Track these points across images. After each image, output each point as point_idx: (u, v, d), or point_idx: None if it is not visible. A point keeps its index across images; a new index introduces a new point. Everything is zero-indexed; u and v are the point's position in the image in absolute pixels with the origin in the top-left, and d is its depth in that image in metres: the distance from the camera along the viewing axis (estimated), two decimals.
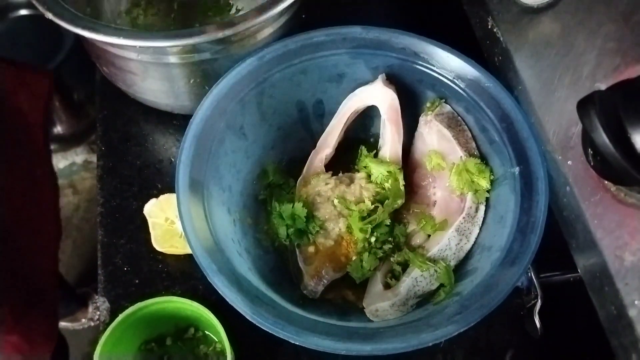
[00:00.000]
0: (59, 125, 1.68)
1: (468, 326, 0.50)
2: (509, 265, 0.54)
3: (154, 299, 0.56)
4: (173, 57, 0.62)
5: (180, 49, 0.61)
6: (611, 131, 0.43)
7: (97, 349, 0.55)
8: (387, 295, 0.60)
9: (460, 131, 0.64)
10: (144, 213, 0.67)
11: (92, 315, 1.51)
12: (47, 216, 0.96)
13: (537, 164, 0.57)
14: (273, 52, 0.64)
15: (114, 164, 0.73)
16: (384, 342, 0.50)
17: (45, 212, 0.96)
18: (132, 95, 0.72)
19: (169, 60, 0.63)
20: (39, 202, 0.93)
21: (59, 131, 1.69)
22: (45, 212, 0.96)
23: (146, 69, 0.65)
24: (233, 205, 0.63)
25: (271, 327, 0.50)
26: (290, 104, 0.68)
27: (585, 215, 0.52)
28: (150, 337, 0.62)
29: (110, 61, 0.67)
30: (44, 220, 0.95)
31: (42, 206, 0.94)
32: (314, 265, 0.63)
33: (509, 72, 0.61)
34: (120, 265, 0.66)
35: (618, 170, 0.44)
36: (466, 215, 0.62)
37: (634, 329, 0.47)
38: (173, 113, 0.73)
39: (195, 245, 0.53)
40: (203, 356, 0.62)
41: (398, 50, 0.65)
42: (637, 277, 0.48)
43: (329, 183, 0.66)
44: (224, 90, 0.62)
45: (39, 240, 0.93)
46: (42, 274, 0.92)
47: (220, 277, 0.52)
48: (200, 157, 0.59)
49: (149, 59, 0.63)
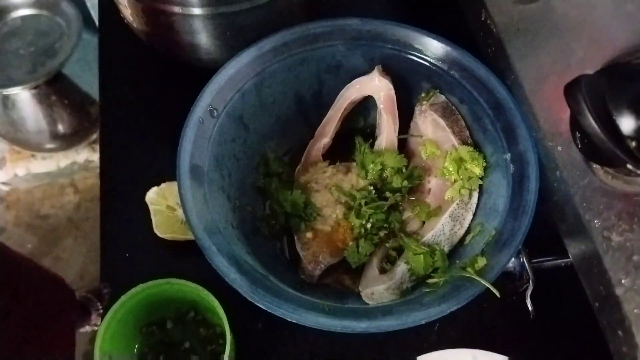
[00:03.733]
0: (60, 124, 1.69)
1: (459, 305, 0.52)
2: (501, 247, 0.55)
3: (155, 281, 0.58)
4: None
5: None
6: (597, 113, 0.45)
7: (100, 330, 0.56)
8: (382, 278, 0.61)
9: (454, 120, 0.66)
10: (145, 200, 0.68)
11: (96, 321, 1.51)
12: None
13: (528, 151, 0.58)
14: (272, 42, 0.65)
15: (116, 153, 0.74)
16: (379, 320, 0.51)
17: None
18: (170, 55, 0.74)
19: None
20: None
21: (60, 130, 1.70)
22: None
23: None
24: (233, 192, 0.64)
25: (268, 305, 0.52)
26: (289, 94, 0.70)
27: (574, 199, 0.53)
28: (152, 320, 0.63)
29: (150, 19, 0.68)
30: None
31: None
32: (311, 250, 0.64)
33: (502, 62, 0.62)
34: (122, 252, 0.68)
35: (604, 151, 0.46)
36: (460, 201, 0.63)
37: (620, 307, 0.48)
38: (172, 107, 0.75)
39: (196, 227, 0.55)
40: (203, 339, 0.63)
41: (394, 42, 0.66)
42: (624, 257, 0.49)
43: (327, 171, 0.68)
44: (224, 79, 0.63)
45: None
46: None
47: (220, 257, 0.54)
48: (200, 144, 0.60)
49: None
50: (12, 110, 1.62)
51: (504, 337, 0.64)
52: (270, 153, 0.70)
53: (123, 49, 0.82)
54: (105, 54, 0.83)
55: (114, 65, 0.82)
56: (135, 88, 0.76)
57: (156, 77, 0.81)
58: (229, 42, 0.68)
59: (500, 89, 0.62)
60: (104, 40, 0.84)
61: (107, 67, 0.82)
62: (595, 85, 0.46)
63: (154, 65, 0.80)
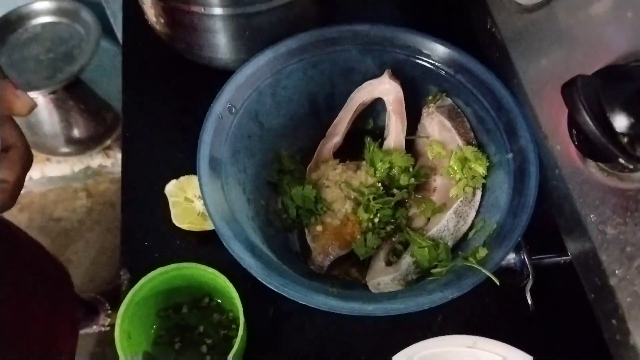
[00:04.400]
0: (76, 129, 1.73)
1: (462, 292, 0.55)
2: (502, 239, 0.58)
3: (173, 265, 0.61)
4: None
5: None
6: (592, 111, 0.48)
7: (120, 310, 0.59)
8: (388, 270, 0.64)
9: (460, 122, 0.69)
10: (164, 193, 0.72)
11: (104, 322, 1.54)
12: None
13: (530, 150, 0.61)
14: (288, 45, 0.69)
15: (138, 148, 0.78)
16: (385, 303, 0.54)
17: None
18: (190, 56, 0.78)
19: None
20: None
21: (75, 135, 1.74)
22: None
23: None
24: (248, 185, 0.68)
25: (282, 288, 0.55)
26: (302, 95, 0.73)
27: (572, 195, 0.56)
28: (168, 305, 0.66)
29: (172, 18, 0.72)
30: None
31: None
32: (321, 242, 0.67)
33: (506, 67, 0.66)
34: (140, 240, 0.71)
35: (598, 146, 0.49)
36: (464, 199, 0.66)
37: (614, 296, 0.51)
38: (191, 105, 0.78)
39: (215, 215, 0.58)
40: (216, 323, 0.66)
41: (403, 47, 0.70)
42: (618, 249, 0.52)
43: (337, 169, 0.71)
44: (243, 78, 0.67)
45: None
46: None
47: (236, 243, 0.57)
48: (219, 138, 0.64)
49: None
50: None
51: (504, 328, 0.66)
52: (283, 150, 0.73)
53: (145, 49, 0.86)
54: (128, 54, 0.87)
55: (136, 65, 0.86)
56: (155, 87, 0.80)
57: (175, 76, 0.84)
58: (246, 43, 0.72)
59: (504, 92, 0.65)
60: (128, 41, 0.88)
61: (129, 67, 0.86)
62: (590, 85, 0.49)
63: (173, 65, 0.83)
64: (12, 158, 0.50)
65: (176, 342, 0.65)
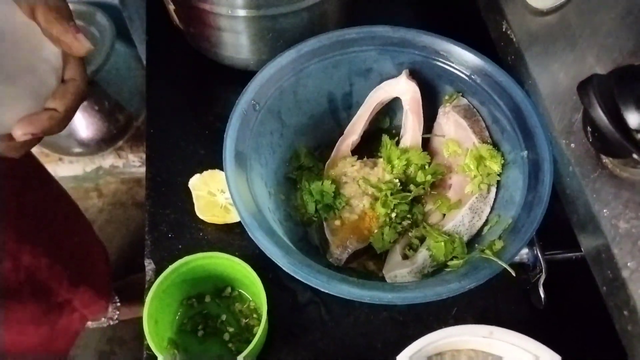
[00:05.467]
0: (89, 129, 1.75)
1: (478, 282, 0.57)
2: (517, 233, 0.60)
3: (198, 254, 0.63)
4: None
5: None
6: (606, 108, 0.50)
7: (147, 299, 0.61)
8: (405, 263, 0.66)
9: (475, 121, 0.71)
10: (188, 186, 0.74)
11: (112, 315, 1.56)
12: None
13: (544, 148, 0.63)
14: (309, 46, 0.72)
15: (162, 144, 0.81)
16: (404, 292, 0.56)
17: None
18: (214, 56, 0.80)
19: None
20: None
21: (88, 135, 1.76)
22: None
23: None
24: (269, 180, 0.70)
25: (305, 276, 0.57)
26: (322, 94, 0.76)
27: (585, 191, 0.58)
28: (191, 294, 0.68)
29: (197, 20, 0.75)
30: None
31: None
32: (339, 236, 0.69)
33: (521, 68, 0.68)
34: (165, 232, 0.73)
35: (612, 142, 0.51)
36: (479, 195, 0.69)
37: (626, 288, 0.53)
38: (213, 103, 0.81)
39: (240, 206, 0.60)
40: (238, 312, 0.68)
41: (421, 48, 0.72)
42: (630, 242, 0.54)
43: (355, 165, 0.74)
44: (266, 76, 0.69)
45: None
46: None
47: (261, 232, 0.59)
48: (244, 133, 0.66)
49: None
50: None
51: (517, 321, 0.68)
52: (303, 147, 0.76)
53: (169, 49, 0.88)
54: (152, 53, 0.90)
55: (160, 64, 0.88)
56: (178, 85, 0.83)
57: (198, 75, 0.87)
58: (269, 44, 0.75)
59: (519, 92, 0.67)
60: (152, 41, 0.91)
61: (154, 66, 0.88)
62: (605, 83, 0.51)
63: (196, 64, 0.86)
64: (68, 89, 0.55)
65: (199, 330, 0.67)
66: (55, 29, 0.53)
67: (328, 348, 0.68)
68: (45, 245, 0.97)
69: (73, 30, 0.54)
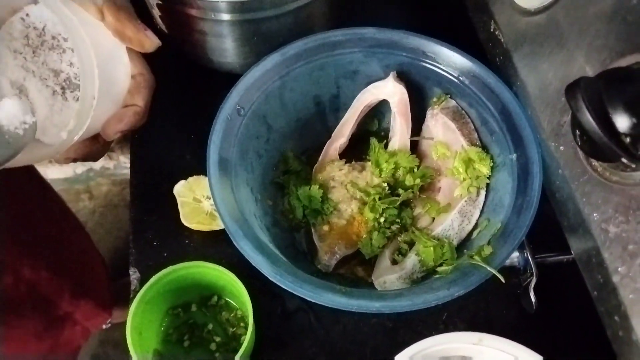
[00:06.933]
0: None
1: (467, 289, 0.56)
2: (506, 238, 0.59)
3: (182, 264, 0.62)
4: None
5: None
6: (595, 111, 0.49)
7: (132, 308, 0.60)
8: (394, 269, 0.66)
9: (463, 123, 0.70)
10: (173, 193, 0.73)
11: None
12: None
13: (533, 150, 0.62)
14: (295, 48, 0.70)
15: (146, 150, 0.80)
16: (391, 301, 0.55)
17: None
18: (199, 60, 0.80)
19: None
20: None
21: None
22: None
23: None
24: (255, 186, 0.69)
25: (291, 285, 0.56)
26: (309, 97, 0.74)
27: (575, 195, 0.57)
28: (177, 303, 0.67)
29: (181, 24, 0.74)
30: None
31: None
32: (327, 241, 0.68)
33: (509, 70, 0.67)
34: (150, 240, 0.72)
35: (601, 146, 0.50)
36: (468, 198, 0.68)
37: (617, 293, 0.52)
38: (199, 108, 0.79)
39: (224, 214, 0.59)
40: (225, 321, 0.67)
41: (408, 50, 0.71)
42: (620, 246, 0.53)
43: (343, 169, 0.72)
44: (251, 80, 0.68)
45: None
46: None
47: (246, 241, 0.58)
48: (228, 138, 0.65)
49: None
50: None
51: (508, 326, 0.68)
52: (290, 151, 0.75)
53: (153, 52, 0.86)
54: None
55: None
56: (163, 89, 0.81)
57: (183, 79, 0.85)
58: (254, 47, 0.74)
59: (507, 94, 0.66)
60: None
61: None
62: (593, 86, 0.50)
63: (181, 68, 0.84)
64: (140, 84, 0.60)
65: (185, 340, 0.66)
66: (129, 29, 0.55)
67: (317, 355, 0.68)
68: (46, 258, 0.96)
69: (143, 28, 0.57)
